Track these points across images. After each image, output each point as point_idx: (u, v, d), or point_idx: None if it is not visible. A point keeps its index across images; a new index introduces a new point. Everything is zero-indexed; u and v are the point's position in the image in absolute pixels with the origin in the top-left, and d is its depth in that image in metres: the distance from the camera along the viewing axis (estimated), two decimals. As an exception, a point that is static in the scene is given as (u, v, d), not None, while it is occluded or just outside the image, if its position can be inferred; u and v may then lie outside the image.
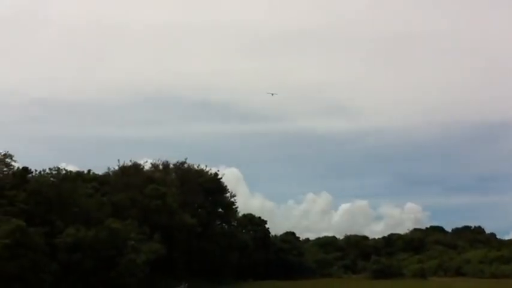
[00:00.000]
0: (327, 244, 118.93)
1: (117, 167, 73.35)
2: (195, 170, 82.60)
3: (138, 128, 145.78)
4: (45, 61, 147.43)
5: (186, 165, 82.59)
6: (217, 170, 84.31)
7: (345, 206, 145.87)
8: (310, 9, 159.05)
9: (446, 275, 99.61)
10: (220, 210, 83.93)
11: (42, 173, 60.95)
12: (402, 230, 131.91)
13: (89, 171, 70.14)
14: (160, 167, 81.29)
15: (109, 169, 73.85)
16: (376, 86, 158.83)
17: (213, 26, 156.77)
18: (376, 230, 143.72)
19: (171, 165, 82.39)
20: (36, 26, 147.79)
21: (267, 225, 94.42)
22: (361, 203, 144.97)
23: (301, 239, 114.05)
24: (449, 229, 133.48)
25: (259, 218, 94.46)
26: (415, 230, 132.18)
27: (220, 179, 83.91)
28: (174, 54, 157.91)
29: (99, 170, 72.92)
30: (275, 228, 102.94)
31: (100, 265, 55.10)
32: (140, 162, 76.72)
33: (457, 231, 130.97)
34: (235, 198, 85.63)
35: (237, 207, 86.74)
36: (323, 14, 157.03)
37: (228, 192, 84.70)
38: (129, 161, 74.53)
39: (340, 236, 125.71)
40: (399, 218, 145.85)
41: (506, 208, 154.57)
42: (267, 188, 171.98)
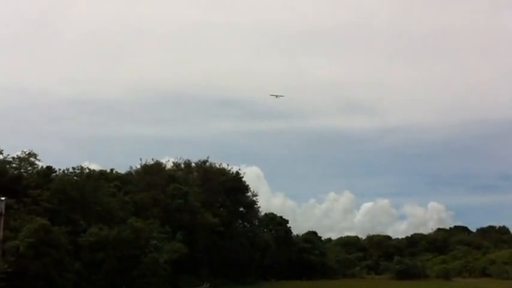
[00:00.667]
0: (349, 244, 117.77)
1: (139, 166, 73.53)
2: (217, 169, 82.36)
3: (160, 127, 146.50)
4: (69, 61, 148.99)
5: (207, 164, 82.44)
6: (239, 169, 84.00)
7: (367, 205, 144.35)
8: (330, 8, 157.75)
9: (471, 276, 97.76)
10: (241, 209, 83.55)
11: (65, 172, 61.26)
12: (425, 230, 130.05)
13: (111, 170, 70.34)
14: (182, 165, 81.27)
15: (131, 168, 74.12)
16: (398, 83, 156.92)
17: (233, 26, 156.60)
18: (399, 230, 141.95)
19: (193, 164, 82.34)
20: (61, 27, 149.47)
21: (288, 225, 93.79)
22: (383, 202, 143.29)
23: (323, 239, 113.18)
24: (473, 229, 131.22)
25: (281, 217, 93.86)
26: (439, 230, 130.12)
27: (242, 178, 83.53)
28: (195, 54, 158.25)
29: (122, 169, 73.20)
30: (297, 227, 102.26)
31: (123, 264, 55.10)
32: (162, 161, 76.88)
33: (482, 231, 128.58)
34: (256, 198, 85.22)
35: (258, 207, 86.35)
36: (342, 12, 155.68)
37: (249, 191, 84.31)
38: (151, 159, 74.67)
39: (362, 236, 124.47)
40: (422, 217, 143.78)
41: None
42: (288, 187, 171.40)
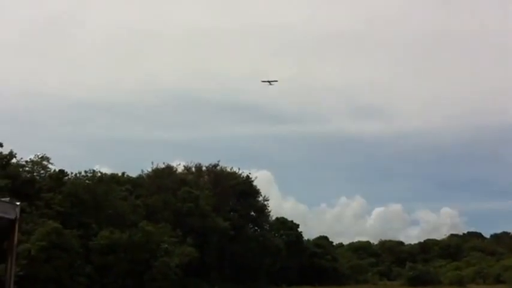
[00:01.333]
0: (361, 249, 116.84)
1: (150, 170, 73.73)
2: (228, 173, 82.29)
3: (171, 131, 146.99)
4: (81, 64, 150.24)
5: (218, 167, 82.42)
6: (249, 173, 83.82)
7: (378, 210, 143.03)
8: (342, 12, 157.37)
9: (485, 283, 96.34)
10: (252, 213, 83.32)
11: (77, 175, 61.63)
12: (438, 236, 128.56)
13: (123, 174, 70.64)
14: (193, 169, 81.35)
15: (142, 171, 74.32)
16: (410, 88, 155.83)
17: (245, 30, 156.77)
18: (411, 235, 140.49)
19: (204, 168, 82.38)
20: (74, 31, 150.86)
21: (299, 229, 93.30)
22: (395, 207, 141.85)
23: (334, 244, 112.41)
24: (487, 235, 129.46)
25: (292, 221, 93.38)
26: (452, 235, 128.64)
27: (253, 181, 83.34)
28: (206, 57, 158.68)
29: (133, 173, 73.45)
30: (308, 232, 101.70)
31: (133, 268, 55.23)
32: (173, 164, 76.98)
33: (496, 237, 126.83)
34: (267, 202, 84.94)
35: (269, 211, 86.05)
36: (353, 16, 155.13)
37: (260, 195, 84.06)
38: (162, 163, 74.82)
39: (374, 241, 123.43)
40: (435, 223, 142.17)
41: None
42: (299, 191, 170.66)
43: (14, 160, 58.71)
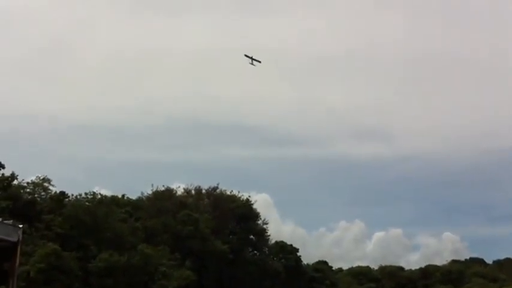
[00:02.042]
0: (361, 274, 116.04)
1: (150, 192, 74.07)
2: (227, 196, 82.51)
3: (171, 153, 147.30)
4: (83, 87, 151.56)
5: (218, 190, 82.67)
6: (249, 196, 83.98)
7: (379, 235, 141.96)
8: (342, 34, 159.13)
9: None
10: (252, 237, 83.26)
11: (78, 197, 62.02)
12: (440, 261, 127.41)
13: (123, 196, 70.96)
14: (193, 192, 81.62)
15: (142, 194, 74.65)
16: (410, 111, 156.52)
17: (246, 52, 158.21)
18: (412, 261, 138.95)
19: (204, 191, 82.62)
20: (75, 53, 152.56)
21: (298, 253, 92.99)
22: (395, 231, 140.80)
23: (333, 269, 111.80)
24: (490, 261, 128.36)
25: (291, 245, 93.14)
26: (454, 261, 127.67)
27: (252, 205, 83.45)
28: (207, 80, 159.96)
29: (133, 195, 73.75)
30: (307, 256, 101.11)
31: (132, 291, 55.19)
32: (173, 187, 77.32)
33: (499, 263, 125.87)
34: (267, 226, 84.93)
35: (269, 235, 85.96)
36: (355, 38, 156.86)
37: (260, 219, 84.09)
38: (162, 185, 75.18)
39: (374, 266, 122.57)
40: (436, 248, 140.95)
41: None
42: (298, 215, 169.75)
43: (15, 182, 59.23)
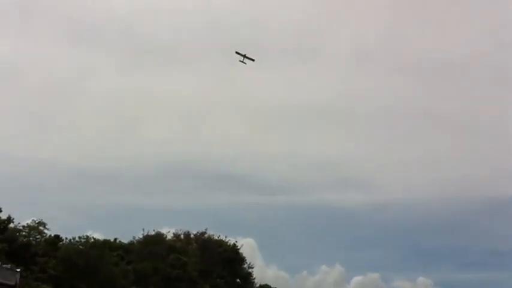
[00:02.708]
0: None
1: (141, 236, 76.32)
2: (215, 240, 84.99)
3: (162, 198, 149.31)
4: (78, 131, 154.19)
5: (206, 235, 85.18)
6: (235, 241, 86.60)
7: (357, 279, 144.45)
8: (325, 85, 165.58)
9: None
10: (238, 280, 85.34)
11: (72, 240, 64.13)
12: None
13: (115, 240, 73.09)
14: (182, 236, 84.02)
15: (134, 238, 76.85)
16: (387, 159, 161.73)
17: (234, 102, 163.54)
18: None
19: (192, 235, 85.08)
20: (73, 97, 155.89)
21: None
22: (373, 276, 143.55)
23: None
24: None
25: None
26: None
27: (239, 249, 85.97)
28: (197, 128, 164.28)
29: (125, 238, 75.86)
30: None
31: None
32: (163, 231, 79.70)
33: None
34: (252, 269, 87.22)
35: (254, 278, 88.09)
36: (337, 89, 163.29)
37: (245, 262, 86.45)
38: (153, 230, 77.55)
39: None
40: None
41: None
42: (281, 259, 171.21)
43: (11, 225, 61.28)
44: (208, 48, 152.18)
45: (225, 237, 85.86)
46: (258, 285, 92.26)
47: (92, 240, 65.39)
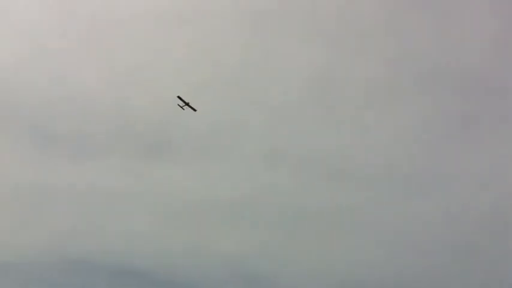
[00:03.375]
0: None
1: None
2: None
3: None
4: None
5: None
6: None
7: None
8: (231, 181, 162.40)
9: None
10: None
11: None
12: None
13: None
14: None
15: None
16: (295, 256, 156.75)
17: (137, 192, 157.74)
18: None
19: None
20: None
21: None
22: None
23: None
24: None
25: None
26: None
27: None
28: (103, 221, 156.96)
29: None
30: None
31: None
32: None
33: None
34: None
35: None
36: (243, 184, 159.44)
37: None
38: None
39: None
40: None
41: None
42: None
43: None
44: (117, 141, 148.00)
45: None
46: None
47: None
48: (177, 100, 63.21)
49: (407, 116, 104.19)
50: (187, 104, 63.34)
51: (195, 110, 63.94)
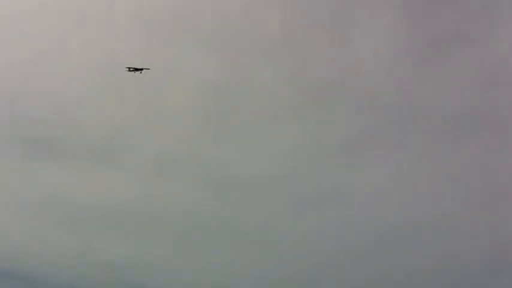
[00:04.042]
0: None
1: None
2: None
3: None
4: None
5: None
6: None
7: None
8: (125, 186, 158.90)
9: None
10: None
11: None
12: None
13: None
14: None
15: None
16: (181, 264, 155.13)
17: (24, 199, 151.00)
18: None
19: None
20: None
21: None
22: None
23: None
24: None
25: None
26: None
27: None
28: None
29: None
30: None
31: None
32: None
33: None
34: None
35: None
36: (126, 191, 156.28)
37: None
38: None
39: None
40: None
41: None
42: None
43: None
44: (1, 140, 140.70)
45: None
46: None
47: None
48: None
49: (295, 130, 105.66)
50: (138, 69, 62.08)
51: (148, 69, 62.24)
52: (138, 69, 65.80)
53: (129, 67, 60.43)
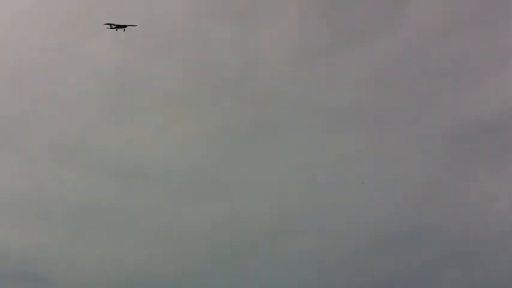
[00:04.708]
0: None
1: None
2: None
3: None
4: None
5: None
6: None
7: None
8: (20, 174, 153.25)
9: None
10: None
11: None
12: None
13: None
14: None
15: None
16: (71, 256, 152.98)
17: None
18: None
19: None
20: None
21: None
22: None
23: None
24: None
25: None
26: None
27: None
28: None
29: None
30: None
31: None
32: None
33: None
34: None
35: None
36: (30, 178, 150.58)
37: None
38: None
39: None
40: None
41: None
42: None
43: None
44: None
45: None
46: None
47: None
48: None
49: (197, 119, 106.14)
50: (121, 26, 58.81)
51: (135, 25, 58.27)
52: (121, 26, 60.11)
53: (110, 24, 57.35)
